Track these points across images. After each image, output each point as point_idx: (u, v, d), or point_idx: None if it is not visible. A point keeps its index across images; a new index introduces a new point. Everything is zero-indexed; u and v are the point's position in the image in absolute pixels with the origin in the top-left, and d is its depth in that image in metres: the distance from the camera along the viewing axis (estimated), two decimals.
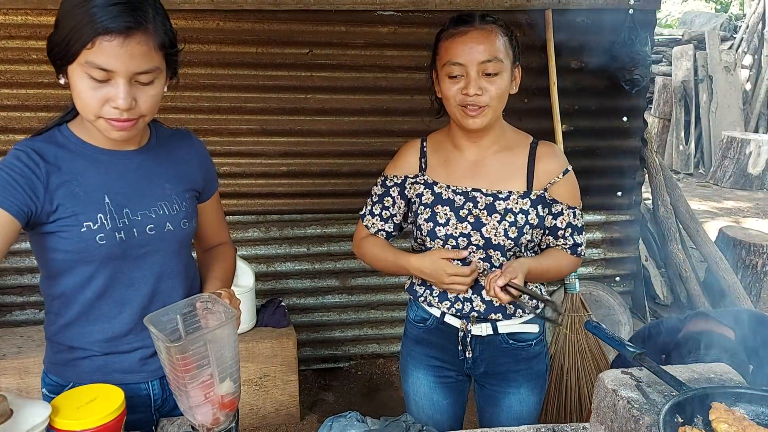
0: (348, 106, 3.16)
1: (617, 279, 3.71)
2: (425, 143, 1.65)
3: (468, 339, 1.61)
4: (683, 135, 8.56)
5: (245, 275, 2.85)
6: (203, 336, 1.10)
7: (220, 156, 3.08)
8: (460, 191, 1.57)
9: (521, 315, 1.61)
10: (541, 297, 1.55)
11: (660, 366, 1.26)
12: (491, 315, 1.58)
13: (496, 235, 1.52)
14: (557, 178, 1.56)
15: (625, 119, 3.44)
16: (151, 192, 1.29)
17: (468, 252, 1.55)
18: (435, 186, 1.59)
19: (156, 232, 1.27)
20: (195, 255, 1.51)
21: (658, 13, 3.48)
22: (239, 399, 1.21)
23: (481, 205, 1.54)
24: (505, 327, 1.61)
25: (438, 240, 1.56)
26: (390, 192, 1.66)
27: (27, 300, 3.15)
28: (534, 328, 1.64)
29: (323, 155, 3.21)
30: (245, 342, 2.78)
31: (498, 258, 1.55)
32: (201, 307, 1.20)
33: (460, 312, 1.59)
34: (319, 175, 3.24)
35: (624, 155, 3.48)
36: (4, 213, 1.13)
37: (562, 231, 1.59)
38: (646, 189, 3.82)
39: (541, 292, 1.66)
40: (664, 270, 4.06)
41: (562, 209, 1.57)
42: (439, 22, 2.99)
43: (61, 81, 1.17)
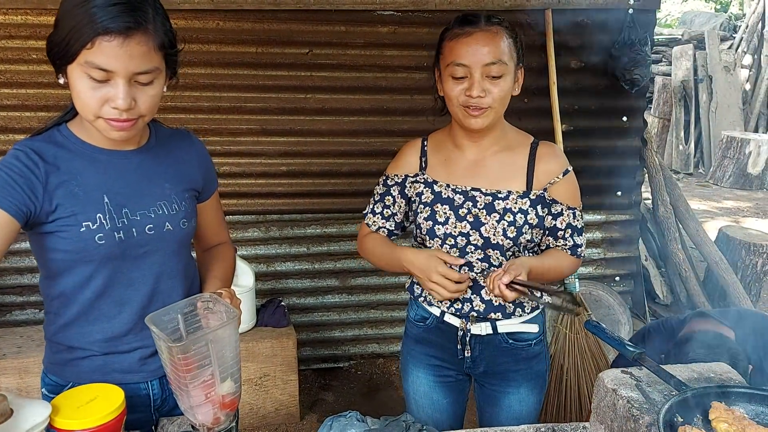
0: (348, 105, 3.16)
1: (617, 279, 3.71)
2: (426, 142, 1.66)
3: (467, 338, 1.61)
4: (683, 135, 8.56)
5: (245, 275, 2.85)
6: (205, 336, 1.09)
7: (219, 156, 3.08)
8: (459, 190, 1.57)
9: (528, 312, 1.61)
10: (553, 289, 1.49)
11: (660, 365, 1.26)
12: (491, 314, 1.58)
13: (494, 235, 1.52)
14: (557, 178, 1.56)
15: (625, 119, 3.44)
16: (151, 192, 1.28)
17: (465, 261, 1.53)
18: (435, 185, 1.59)
19: (155, 231, 1.27)
20: (194, 255, 1.51)
21: (657, 13, 3.48)
22: (240, 399, 1.21)
23: (481, 205, 1.54)
24: (505, 326, 1.60)
25: (437, 239, 1.56)
26: (391, 191, 1.66)
27: (27, 300, 3.15)
28: (534, 327, 1.64)
29: (323, 155, 3.21)
30: (245, 342, 2.78)
31: (497, 257, 1.54)
32: (202, 307, 1.20)
33: (459, 311, 1.59)
34: (319, 175, 3.24)
35: (624, 155, 3.48)
36: (2, 213, 1.13)
37: (561, 231, 1.58)
38: (645, 189, 3.82)
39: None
40: (663, 270, 4.06)
41: (561, 210, 1.57)
42: (439, 21, 3.05)
43: (61, 81, 1.17)
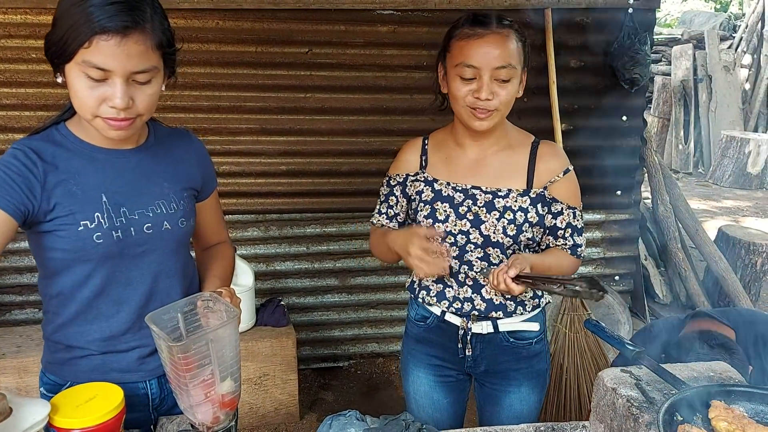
0: (347, 105, 3.16)
1: (616, 278, 3.71)
2: (427, 141, 1.66)
3: (468, 337, 1.61)
4: (682, 134, 8.56)
5: (245, 274, 2.85)
6: (205, 335, 1.09)
7: (219, 155, 3.08)
8: (459, 188, 1.57)
9: (529, 311, 1.60)
10: (566, 278, 1.38)
11: (659, 364, 1.26)
12: (492, 313, 1.58)
13: (495, 233, 1.52)
14: (557, 177, 1.56)
15: (625, 118, 3.44)
16: (149, 191, 1.28)
17: (445, 232, 1.51)
18: (435, 183, 1.59)
19: (154, 230, 1.27)
20: (194, 254, 1.51)
21: (657, 13, 3.48)
22: (239, 398, 1.21)
23: (481, 203, 1.54)
24: (506, 325, 1.60)
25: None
26: (394, 191, 1.67)
27: (26, 299, 3.15)
28: (535, 326, 1.64)
29: (322, 154, 3.21)
30: (245, 341, 2.78)
31: (497, 256, 1.54)
32: (202, 306, 1.19)
33: (460, 310, 1.59)
34: (319, 174, 3.23)
35: (623, 154, 3.48)
36: (0, 212, 1.13)
37: (561, 231, 1.58)
38: (645, 188, 3.82)
39: (542, 292, 1.65)
40: (663, 269, 4.06)
41: (561, 209, 1.57)
42: (439, 21, 3.05)
43: (59, 80, 1.17)
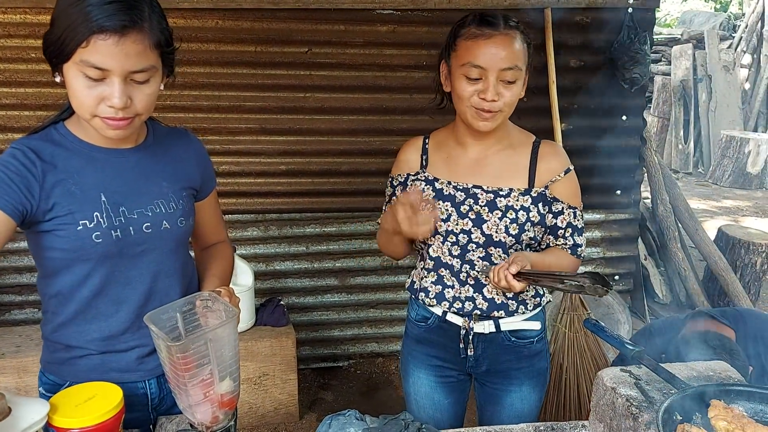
0: (347, 104, 3.16)
1: (616, 278, 3.71)
2: (427, 140, 1.66)
3: (470, 337, 1.61)
4: (682, 134, 8.56)
5: (244, 274, 2.85)
6: (204, 335, 1.09)
7: (219, 155, 3.07)
8: (461, 187, 1.56)
9: (530, 310, 1.60)
10: (569, 274, 1.38)
11: (659, 364, 1.25)
12: (493, 312, 1.58)
13: (497, 232, 1.52)
14: (558, 176, 1.56)
15: (625, 118, 3.44)
16: (148, 190, 1.28)
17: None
18: (436, 182, 1.59)
19: (153, 230, 1.27)
20: (193, 254, 1.51)
21: (657, 12, 3.48)
22: (238, 398, 1.21)
23: (482, 202, 1.54)
24: (508, 324, 1.60)
25: (438, 236, 1.56)
26: (396, 192, 1.67)
27: (26, 299, 3.15)
28: (536, 325, 1.64)
29: (322, 154, 3.21)
30: (244, 341, 2.78)
31: (499, 255, 1.54)
32: (201, 306, 1.19)
33: (462, 310, 1.59)
34: (318, 174, 3.23)
35: (623, 154, 3.48)
36: None
37: (562, 230, 1.58)
38: (645, 188, 3.82)
39: (543, 290, 1.65)
40: (663, 269, 4.06)
41: (562, 208, 1.57)
42: (438, 20, 3.05)
43: (57, 79, 1.17)
